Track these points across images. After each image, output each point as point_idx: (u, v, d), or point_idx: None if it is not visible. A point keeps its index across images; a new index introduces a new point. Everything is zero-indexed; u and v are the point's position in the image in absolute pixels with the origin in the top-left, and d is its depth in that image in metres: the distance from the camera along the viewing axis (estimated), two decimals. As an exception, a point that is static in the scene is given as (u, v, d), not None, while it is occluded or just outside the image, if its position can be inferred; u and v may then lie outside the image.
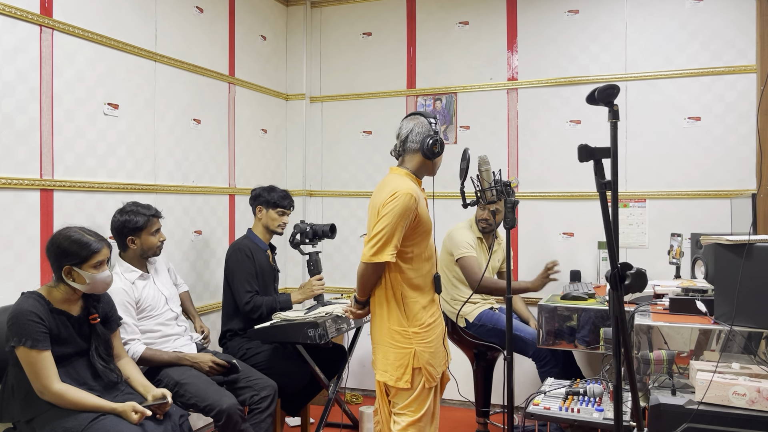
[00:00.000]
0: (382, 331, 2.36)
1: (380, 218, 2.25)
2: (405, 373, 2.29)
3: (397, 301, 2.32)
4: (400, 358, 2.30)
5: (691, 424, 1.89)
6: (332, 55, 4.44)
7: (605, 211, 1.60)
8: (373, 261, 2.26)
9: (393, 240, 2.24)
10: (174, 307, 2.87)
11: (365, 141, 4.32)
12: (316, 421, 3.46)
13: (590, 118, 3.79)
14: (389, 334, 2.34)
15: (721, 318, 2.22)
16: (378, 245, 2.24)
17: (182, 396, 2.58)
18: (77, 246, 2.20)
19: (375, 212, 2.31)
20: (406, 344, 2.30)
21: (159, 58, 3.25)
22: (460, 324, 3.34)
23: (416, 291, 2.33)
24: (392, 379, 2.32)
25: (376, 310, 2.39)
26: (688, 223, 3.53)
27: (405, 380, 2.29)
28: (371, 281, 2.35)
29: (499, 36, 4.01)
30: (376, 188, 2.41)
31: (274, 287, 3.34)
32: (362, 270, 2.33)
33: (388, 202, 2.25)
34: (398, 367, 2.30)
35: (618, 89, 1.61)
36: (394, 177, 2.37)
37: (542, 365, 3.19)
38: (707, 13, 3.58)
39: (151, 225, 2.75)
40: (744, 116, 3.51)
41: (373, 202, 2.37)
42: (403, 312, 2.32)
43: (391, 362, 2.32)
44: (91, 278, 2.21)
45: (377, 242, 2.25)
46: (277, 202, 3.25)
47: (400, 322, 2.32)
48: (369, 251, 2.26)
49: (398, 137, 2.42)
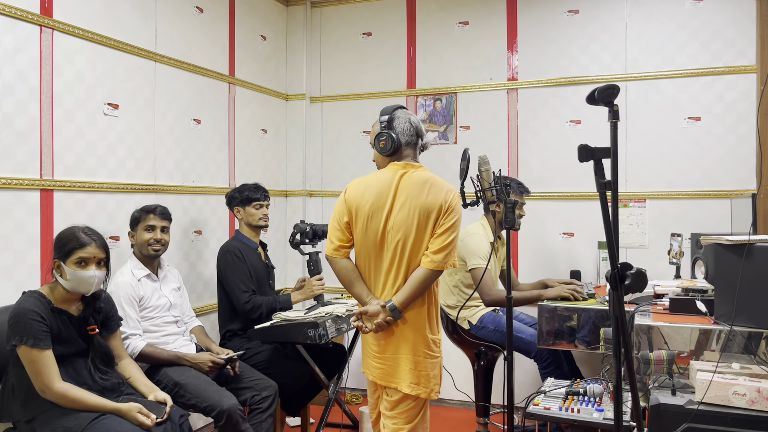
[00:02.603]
0: (419, 341, 2.20)
1: (453, 223, 2.17)
2: (437, 384, 2.22)
3: (432, 307, 2.24)
4: (434, 368, 2.22)
5: (691, 424, 1.89)
6: (332, 55, 4.44)
7: (605, 211, 1.60)
8: (447, 267, 2.17)
9: (455, 243, 2.20)
10: (175, 313, 2.87)
11: (365, 141, 4.32)
12: (316, 421, 3.46)
13: (590, 118, 3.80)
14: (425, 344, 2.20)
15: (721, 318, 2.22)
16: (451, 251, 2.17)
17: (182, 396, 2.58)
18: (64, 239, 2.21)
19: (428, 214, 2.17)
20: (438, 353, 2.25)
21: (159, 58, 3.25)
22: (463, 327, 3.33)
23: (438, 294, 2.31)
24: (426, 391, 2.19)
25: (410, 319, 2.21)
26: (688, 223, 3.53)
27: (436, 391, 2.21)
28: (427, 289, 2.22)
29: (499, 36, 4.01)
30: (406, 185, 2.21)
31: (269, 285, 3.34)
32: (427, 277, 2.16)
33: (454, 205, 2.18)
34: (432, 378, 2.20)
35: (618, 89, 1.61)
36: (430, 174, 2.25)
37: (544, 366, 3.19)
38: (707, 13, 3.58)
39: (145, 220, 2.76)
40: (744, 116, 3.51)
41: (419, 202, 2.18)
42: (435, 317, 2.25)
43: (426, 374, 2.19)
44: (73, 275, 2.18)
45: (450, 246, 2.16)
46: (250, 196, 3.25)
47: (432, 329, 2.24)
48: (443, 258, 2.15)
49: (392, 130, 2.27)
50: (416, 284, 2.17)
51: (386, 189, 2.23)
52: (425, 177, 2.24)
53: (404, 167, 2.26)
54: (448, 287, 3.34)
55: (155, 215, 2.79)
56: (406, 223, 2.19)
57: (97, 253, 2.23)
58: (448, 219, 2.17)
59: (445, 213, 2.18)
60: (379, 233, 2.22)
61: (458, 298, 3.31)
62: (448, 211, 2.18)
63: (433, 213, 2.18)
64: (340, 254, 2.30)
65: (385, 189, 2.23)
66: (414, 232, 2.18)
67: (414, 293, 2.17)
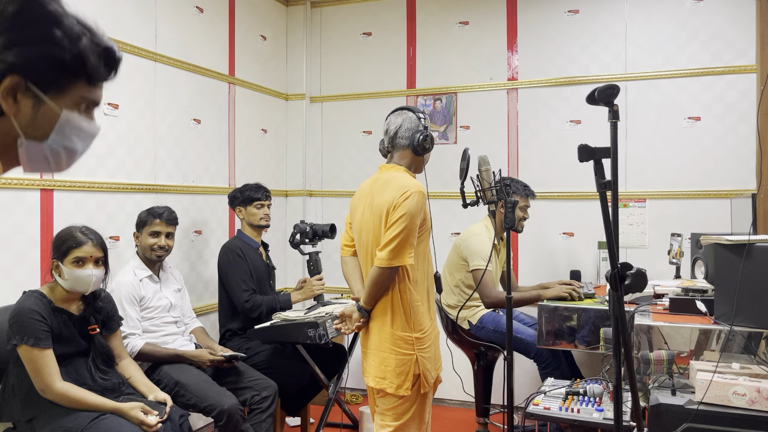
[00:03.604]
0: (383, 336, 2.24)
1: (397, 219, 2.15)
2: (406, 380, 2.20)
3: (404, 306, 2.22)
4: (402, 365, 2.21)
5: (691, 424, 1.89)
6: (332, 55, 4.44)
7: (605, 211, 1.60)
8: (394, 265, 2.15)
9: (410, 241, 2.16)
10: (175, 314, 2.88)
11: (365, 141, 4.32)
12: (316, 421, 3.46)
13: (590, 118, 3.79)
14: (391, 341, 2.22)
15: (721, 318, 2.22)
16: (397, 248, 2.15)
17: (182, 396, 2.58)
18: (62, 239, 2.21)
19: (381, 213, 2.21)
20: (408, 350, 2.21)
21: (159, 58, 3.25)
22: (463, 326, 3.33)
23: (420, 293, 2.25)
24: (392, 386, 2.21)
25: (377, 316, 2.26)
26: (688, 223, 3.53)
27: (405, 387, 2.20)
28: (386, 287, 2.21)
29: (499, 36, 4.01)
30: (374, 187, 2.30)
31: (270, 285, 3.34)
32: (377, 275, 2.19)
33: (401, 201, 2.16)
34: (399, 374, 2.21)
35: (618, 89, 1.61)
36: (396, 174, 2.26)
37: (543, 367, 3.19)
38: (707, 13, 3.58)
39: (151, 225, 2.76)
40: (744, 116, 3.51)
41: (377, 202, 2.24)
42: (409, 317, 2.22)
43: (392, 369, 2.21)
44: (71, 274, 2.18)
45: (397, 244, 2.14)
46: (251, 196, 3.26)
47: (404, 327, 2.22)
48: (387, 255, 2.15)
49: (386, 133, 2.33)
50: (370, 283, 2.22)
51: (365, 191, 2.36)
52: (389, 177, 2.27)
53: (381, 168, 2.35)
54: (449, 287, 3.34)
55: (161, 221, 2.78)
56: (369, 224, 2.28)
57: (94, 252, 2.22)
58: (394, 215, 2.17)
59: (393, 209, 2.18)
60: (360, 234, 2.34)
61: (459, 298, 3.30)
62: (395, 208, 2.17)
63: (384, 211, 2.21)
64: (345, 252, 2.46)
65: (365, 191, 2.36)
66: (373, 232, 2.26)
67: (371, 292, 2.22)
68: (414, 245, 2.18)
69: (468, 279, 3.26)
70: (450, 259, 3.36)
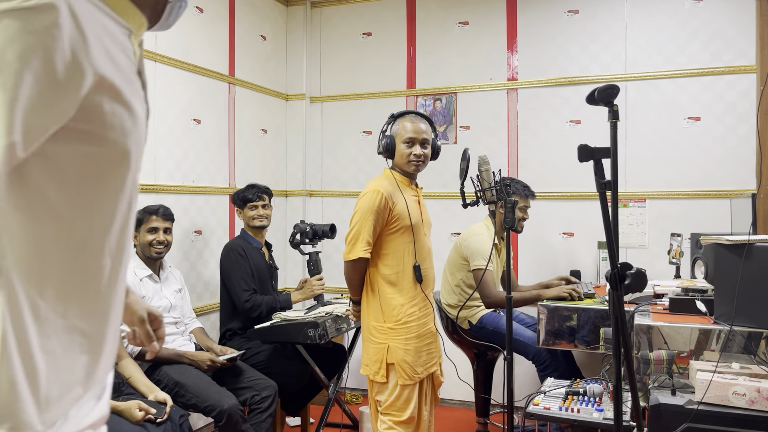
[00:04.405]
0: (365, 326, 2.49)
1: (351, 217, 2.41)
2: (381, 368, 2.38)
3: (375, 296, 2.43)
4: (376, 353, 2.40)
5: (691, 424, 1.89)
6: (332, 55, 4.44)
7: (605, 211, 1.60)
8: (350, 258, 2.39)
9: (362, 236, 2.35)
10: (175, 314, 2.87)
11: (365, 141, 4.32)
12: (316, 421, 3.46)
13: (590, 118, 3.79)
14: (368, 330, 2.46)
15: (721, 318, 2.22)
16: (350, 243, 2.39)
17: (182, 396, 2.58)
18: None
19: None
20: (381, 339, 2.40)
21: (159, 58, 3.25)
22: (463, 326, 3.33)
23: (393, 287, 2.40)
24: (371, 372, 2.42)
25: (362, 308, 2.51)
26: (688, 223, 3.53)
27: (381, 374, 2.39)
28: (354, 279, 2.46)
29: (499, 36, 4.01)
30: None
31: (272, 285, 3.35)
32: (345, 269, 2.47)
33: (357, 201, 2.41)
34: (375, 362, 2.40)
35: (618, 89, 1.61)
36: (375, 177, 2.51)
37: (542, 368, 3.18)
38: (707, 13, 3.58)
39: (147, 222, 2.76)
40: (744, 116, 3.51)
41: None
42: (379, 307, 2.41)
43: (371, 356, 2.43)
44: None
45: (350, 240, 2.39)
46: (245, 197, 3.28)
47: (377, 316, 2.42)
48: (345, 249, 2.43)
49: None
50: (345, 277, 2.49)
51: None
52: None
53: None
54: (450, 286, 3.34)
55: (158, 216, 2.79)
56: None
57: None
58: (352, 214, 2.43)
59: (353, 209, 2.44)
60: None
61: (459, 297, 3.30)
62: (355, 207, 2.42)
63: None
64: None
65: None
66: None
67: (349, 284, 2.51)
68: (369, 240, 2.36)
69: (469, 279, 3.25)
70: (451, 258, 3.36)
